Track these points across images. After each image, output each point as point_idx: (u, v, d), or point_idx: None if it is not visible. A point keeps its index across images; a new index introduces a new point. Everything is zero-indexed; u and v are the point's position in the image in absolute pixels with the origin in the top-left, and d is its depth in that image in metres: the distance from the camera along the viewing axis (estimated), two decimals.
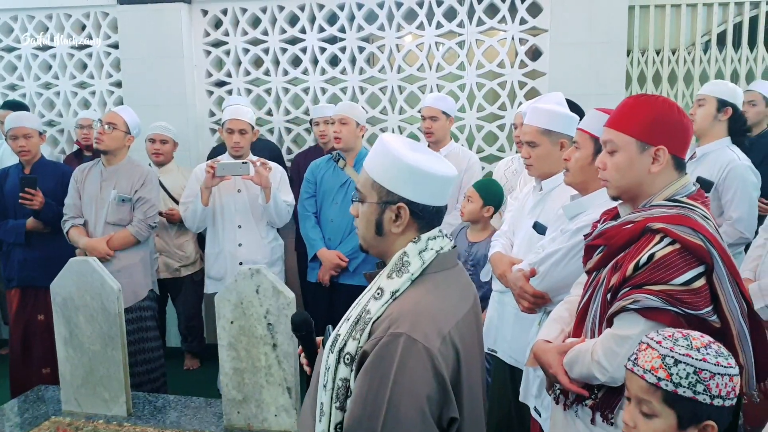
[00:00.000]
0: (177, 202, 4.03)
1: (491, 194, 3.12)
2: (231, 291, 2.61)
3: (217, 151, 4.22)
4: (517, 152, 3.62)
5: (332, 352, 1.36)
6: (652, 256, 1.53)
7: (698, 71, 4.30)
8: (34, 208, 3.55)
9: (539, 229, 2.45)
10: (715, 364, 1.21)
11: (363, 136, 3.68)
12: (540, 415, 2.23)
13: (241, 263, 3.57)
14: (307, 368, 1.60)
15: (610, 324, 1.63)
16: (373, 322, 1.31)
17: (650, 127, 1.65)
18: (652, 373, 1.23)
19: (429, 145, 3.75)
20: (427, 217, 1.39)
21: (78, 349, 2.81)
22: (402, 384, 1.22)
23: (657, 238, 1.56)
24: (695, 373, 1.20)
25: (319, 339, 1.58)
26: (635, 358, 1.29)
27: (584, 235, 1.89)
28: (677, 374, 1.20)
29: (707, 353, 1.23)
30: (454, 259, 1.46)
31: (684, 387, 1.20)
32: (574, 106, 2.75)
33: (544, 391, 2.11)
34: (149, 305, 3.58)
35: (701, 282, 1.53)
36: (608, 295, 1.63)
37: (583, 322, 1.76)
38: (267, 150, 4.25)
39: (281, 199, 3.62)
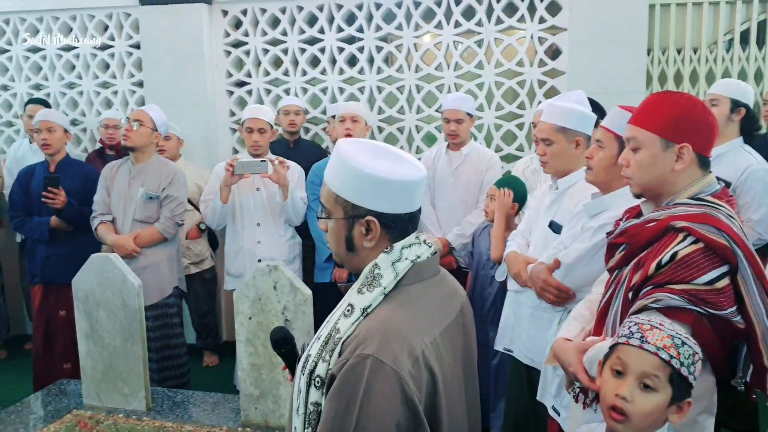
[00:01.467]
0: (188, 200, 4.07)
1: (515, 191, 3.10)
2: (249, 287, 2.63)
3: None
4: (536, 151, 3.61)
5: (303, 374, 1.27)
6: (674, 254, 1.52)
7: (720, 70, 4.25)
8: (57, 207, 3.60)
9: (555, 228, 2.44)
10: (699, 351, 1.33)
11: (368, 135, 3.69)
12: (558, 415, 2.22)
13: (259, 260, 3.59)
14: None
15: None
16: (343, 342, 1.21)
17: (674, 124, 1.63)
18: (666, 351, 1.29)
19: (449, 146, 3.74)
20: (400, 226, 1.29)
21: (99, 343, 2.84)
22: (368, 411, 1.12)
23: (680, 236, 1.54)
24: (692, 355, 1.31)
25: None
26: (642, 337, 1.32)
27: (606, 233, 1.88)
28: (683, 354, 1.29)
29: (694, 341, 1.34)
30: (435, 267, 1.36)
31: (685, 367, 1.29)
32: (594, 105, 2.73)
33: (563, 390, 2.09)
34: (175, 302, 3.62)
35: (725, 282, 1.51)
36: (630, 294, 1.62)
37: (603, 321, 1.74)
38: (316, 151, 4.34)
39: (298, 197, 3.64)
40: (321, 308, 3.76)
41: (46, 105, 4.60)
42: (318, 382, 1.23)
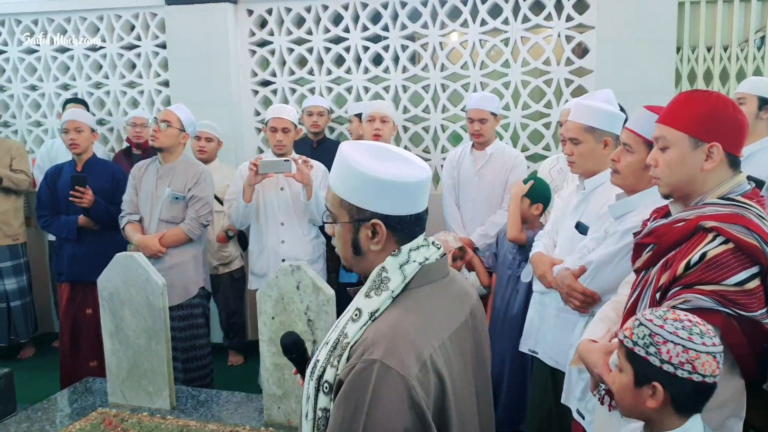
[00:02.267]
0: (219, 201, 4.10)
1: (538, 192, 3.06)
2: (272, 287, 2.63)
3: None
4: (563, 151, 3.57)
5: (312, 380, 1.26)
6: (704, 255, 1.49)
7: (751, 68, 4.16)
8: (84, 206, 3.64)
9: (581, 229, 2.41)
10: (671, 333, 1.28)
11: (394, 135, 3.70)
12: (583, 418, 2.19)
13: (283, 260, 3.59)
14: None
15: None
16: (351, 347, 1.20)
17: (704, 123, 1.60)
18: (623, 332, 1.35)
19: (474, 146, 3.71)
20: (406, 228, 1.27)
21: (123, 342, 2.86)
22: (376, 416, 1.11)
23: (709, 236, 1.51)
24: (650, 335, 1.30)
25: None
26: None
27: (633, 233, 1.84)
28: (636, 334, 1.32)
29: (669, 324, 1.29)
30: (444, 269, 1.34)
31: (639, 346, 1.30)
32: (619, 108, 2.68)
33: (588, 394, 2.07)
34: (200, 302, 3.64)
35: (755, 283, 1.48)
36: (657, 295, 1.59)
37: None
38: None
39: (322, 196, 3.64)
40: (344, 309, 3.78)
41: (85, 105, 4.67)
42: (326, 388, 1.22)
